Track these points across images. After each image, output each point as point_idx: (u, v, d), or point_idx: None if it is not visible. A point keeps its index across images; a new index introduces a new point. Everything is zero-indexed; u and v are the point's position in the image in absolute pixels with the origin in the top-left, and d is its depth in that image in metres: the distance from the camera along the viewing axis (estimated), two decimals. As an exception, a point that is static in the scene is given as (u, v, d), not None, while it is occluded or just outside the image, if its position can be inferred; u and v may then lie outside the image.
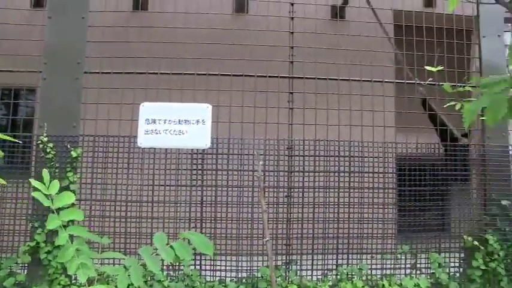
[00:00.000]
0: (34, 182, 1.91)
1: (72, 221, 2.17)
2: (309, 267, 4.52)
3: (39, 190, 1.92)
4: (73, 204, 4.14)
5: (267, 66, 4.52)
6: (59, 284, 4.03)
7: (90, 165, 4.33)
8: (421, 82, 4.40)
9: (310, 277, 4.51)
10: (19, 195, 4.34)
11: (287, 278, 4.44)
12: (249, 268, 4.42)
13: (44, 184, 1.93)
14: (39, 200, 1.91)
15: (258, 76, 4.58)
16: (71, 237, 2.00)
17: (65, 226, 1.97)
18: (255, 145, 4.50)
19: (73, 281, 4.09)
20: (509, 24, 4.74)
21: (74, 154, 4.15)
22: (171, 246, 2.10)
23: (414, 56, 4.81)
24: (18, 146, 4.41)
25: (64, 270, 4.07)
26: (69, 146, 4.16)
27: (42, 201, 1.91)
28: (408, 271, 4.68)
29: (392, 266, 4.66)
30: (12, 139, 2.15)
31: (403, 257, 4.70)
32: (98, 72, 4.39)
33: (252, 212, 4.45)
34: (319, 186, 4.59)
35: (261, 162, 4.36)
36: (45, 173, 2.01)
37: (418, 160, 4.90)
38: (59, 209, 1.98)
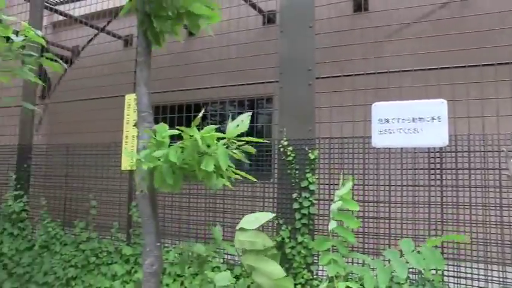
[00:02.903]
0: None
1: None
2: None
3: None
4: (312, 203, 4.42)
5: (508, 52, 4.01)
6: (302, 277, 4.27)
7: (326, 166, 4.49)
8: None
9: None
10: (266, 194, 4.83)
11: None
12: (501, 279, 3.96)
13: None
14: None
15: (498, 64, 4.11)
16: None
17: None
18: (501, 141, 4.04)
19: (314, 276, 4.28)
20: None
21: (311, 156, 4.37)
22: (419, 252, 2.02)
23: None
24: (262, 150, 4.88)
25: (307, 266, 4.30)
26: (306, 149, 4.40)
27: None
28: None
29: None
30: (259, 140, 2.33)
31: None
32: (329, 77, 4.55)
33: (501, 216, 4.00)
34: None
35: (511, 160, 3.88)
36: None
37: None
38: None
